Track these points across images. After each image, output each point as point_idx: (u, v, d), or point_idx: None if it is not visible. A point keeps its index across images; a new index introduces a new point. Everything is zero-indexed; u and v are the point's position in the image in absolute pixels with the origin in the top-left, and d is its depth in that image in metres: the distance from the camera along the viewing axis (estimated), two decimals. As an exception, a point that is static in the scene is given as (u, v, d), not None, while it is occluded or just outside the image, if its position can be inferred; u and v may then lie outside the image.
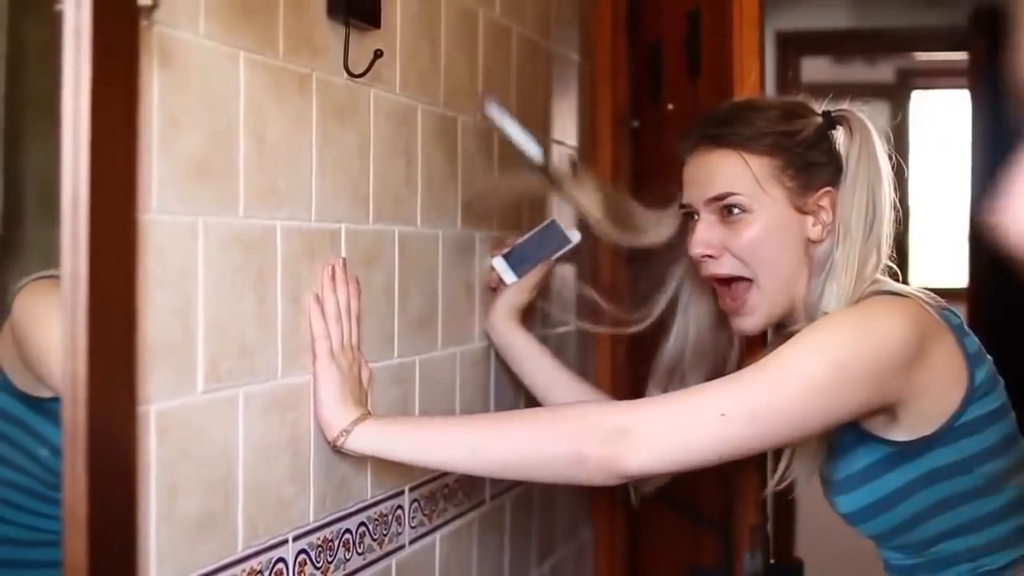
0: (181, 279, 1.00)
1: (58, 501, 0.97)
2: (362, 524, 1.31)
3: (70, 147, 0.78)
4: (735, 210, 1.31)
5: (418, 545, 1.45)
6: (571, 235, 1.65)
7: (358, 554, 1.30)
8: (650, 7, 2.18)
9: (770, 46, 4.40)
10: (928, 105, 5.65)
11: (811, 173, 1.31)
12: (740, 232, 1.31)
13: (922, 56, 5.51)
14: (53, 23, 0.77)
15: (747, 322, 1.35)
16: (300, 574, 1.18)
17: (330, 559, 1.24)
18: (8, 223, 1.00)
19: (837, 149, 1.33)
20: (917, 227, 5.28)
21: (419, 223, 1.44)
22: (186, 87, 0.99)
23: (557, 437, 1.19)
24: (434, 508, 1.49)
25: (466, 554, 1.60)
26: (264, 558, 1.12)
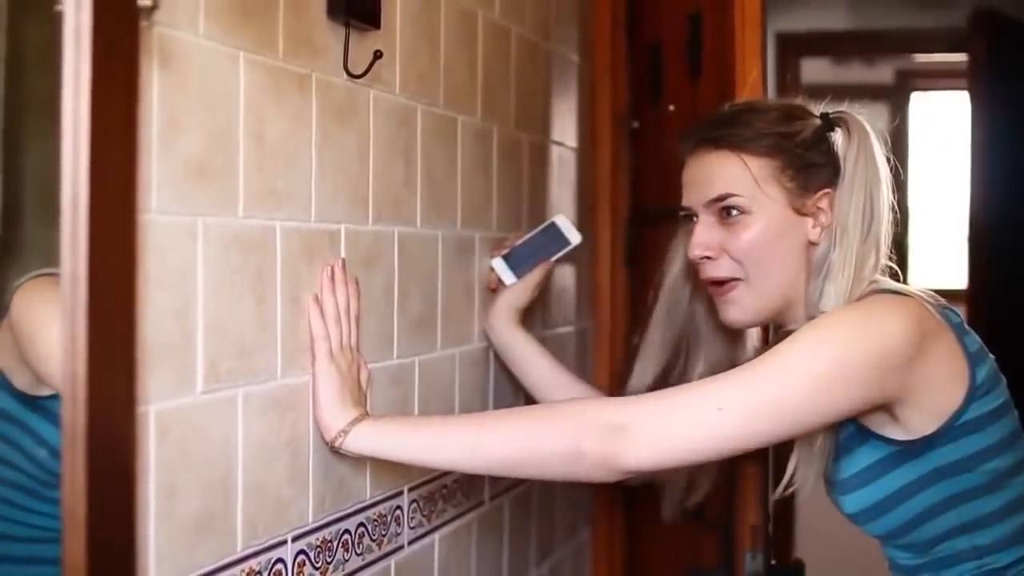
0: (181, 279, 1.00)
1: (54, 500, 0.97)
2: (361, 525, 1.31)
3: (70, 147, 0.78)
4: (734, 212, 1.31)
5: (417, 546, 1.45)
6: (571, 236, 1.65)
7: (357, 555, 1.30)
8: (649, 8, 2.18)
9: (770, 47, 4.40)
10: (927, 106, 5.65)
11: (810, 174, 1.32)
12: (739, 233, 1.31)
13: (921, 57, 5.52)
14: (53, 23, 0.77)
15: (733, 312, 1.35)
16: (299, 574, 1.18)
17: (329, 559, 1.24)
18: (8, 223, 1.00)
19: (835, 151, 1.33)
20: (916, 228, 5.29)
21: (419, 224, 1.44)
22: (186, 87, 1.00)
23: (555, 434, 1.19)
24: (433, 509, 1.49)
25: (465, 554, 1.60)
26: (263, 558, 1.12)
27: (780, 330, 1.37)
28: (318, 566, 1.22)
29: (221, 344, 1.05)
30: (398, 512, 1.40)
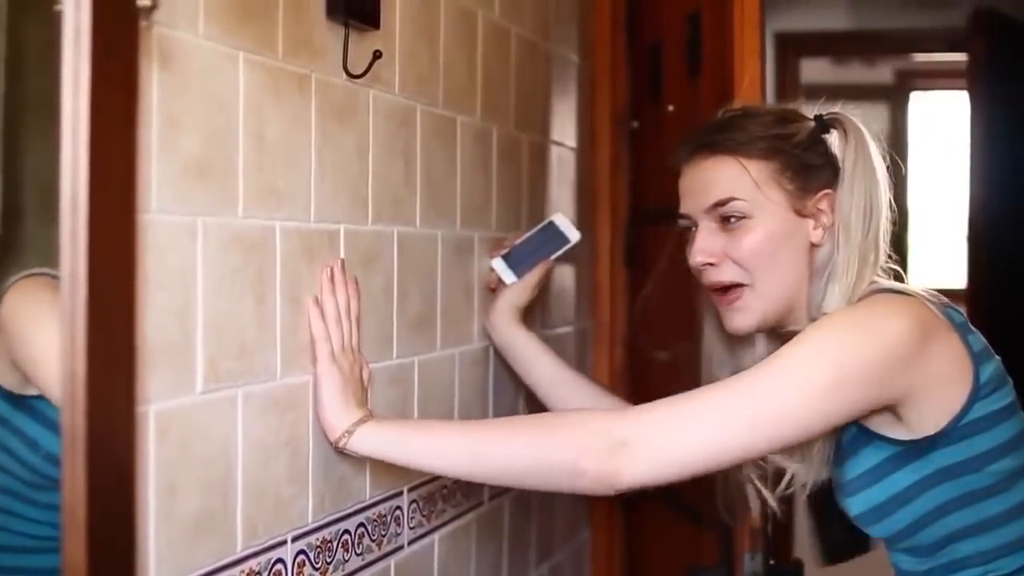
0: (180, 279, 1.00)
1: (45, 504, 0.96)
2: (361, 525, 1.31)
3: (70, 147, 0.78)
4: (734, 218, 1.31)
5: (417, 546, 1.45)
6: (570, 234, 1.65)
7: (356, 555, 1.30)
8: (649, 8, 2.18)
9: (769, 47, 4.41)
10: (927, 106, 5.66)
11: (809, 175, 1.32)
12: (741, 238, 1.31)
13: (921, 57, 5.52)
14: (53, 23, 0.77)
15: (738, 319, 1.34)
16: (299, 574, 1.18)
17: (329, 559, 1.24)
18: (8, 223, 1.00)
19: (832, 151, 1.33)
20: (916, 228, 5.29)
21: (418, 224, 1.44)
22: (185, 87, 1.00)
23: (557, 448, 1.19)
24: (433, 509, 1.49)
25: (465, 555, 1.60)
26: (263, 558, 1.12)
27: (781, 331, 1.37)
28: (318, 566, 1.22)
29: (221, 344, 1.05)
30: (398, 512, 1.40)
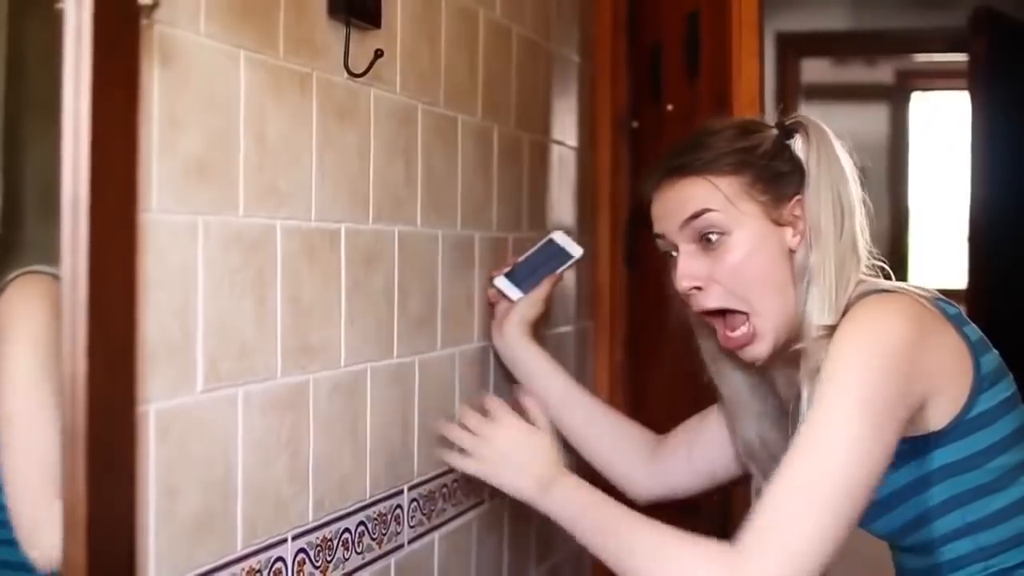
0: (181, 279, 1.00)
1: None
2: (361, 523, 1.31)
3: (70, 147, 0.78)
4: (713, 236, 1.30)
5: (417, 545, 1.45)
6: (572, 250, 1.64)
7: (357, 553, 1.30)
8: (650, 8, 2.18)
9: (770, 47, 4.41)
10: (927, 106, 5.66)
11: (780, 184, 1.31)
12: (723, 258, 1.29)
13: (921, 57, 5.52)
14: (53, 23, 0.77)
15: (755, 350, 1.32)
16: (299, 573, 1.18)
17: (329, 558, 1.24)
18: (8, 223, 0.99)
19: (798, 156, 1.32)
20: (917, 228, 5.29)
21: (419, 223, 1.44)
22: (186, 87, 1.00)
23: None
24: (433, 508, 1.49)
25: (465, 554, 1.60)
26: (263, 557, 1.12)
27: (787, 350, 1.33)
28: (318, 565, 1.22)
29: (221, 343, 1.05)
30: (398, 511, 1.40)
